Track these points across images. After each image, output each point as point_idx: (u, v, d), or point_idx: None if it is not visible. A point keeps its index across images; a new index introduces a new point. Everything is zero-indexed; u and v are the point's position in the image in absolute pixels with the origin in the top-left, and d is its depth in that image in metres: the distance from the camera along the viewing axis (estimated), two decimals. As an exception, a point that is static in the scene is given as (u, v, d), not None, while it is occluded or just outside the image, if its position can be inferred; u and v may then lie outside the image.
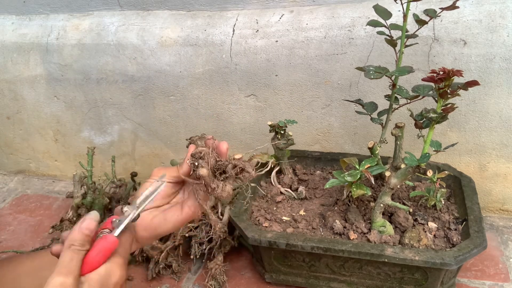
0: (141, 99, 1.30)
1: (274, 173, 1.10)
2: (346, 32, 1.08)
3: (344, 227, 0.94)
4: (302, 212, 1.02)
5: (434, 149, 0.83)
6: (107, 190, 1.24)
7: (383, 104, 0.95)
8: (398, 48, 0.86)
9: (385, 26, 0.85)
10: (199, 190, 0.58)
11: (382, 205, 0.89)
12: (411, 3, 0.82)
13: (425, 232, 0.91)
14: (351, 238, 0.90)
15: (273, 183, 1.09)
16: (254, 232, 0.91)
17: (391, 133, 0.94)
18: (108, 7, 1.30)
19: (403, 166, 0.84)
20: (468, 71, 1.01)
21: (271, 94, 1.19)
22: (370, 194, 0.92)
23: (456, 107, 0.79)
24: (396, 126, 0.94)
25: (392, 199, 0.90)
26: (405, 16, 0.82)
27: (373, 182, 0.92)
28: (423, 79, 0.78)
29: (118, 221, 0.55)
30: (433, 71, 0.76)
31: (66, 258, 0.49)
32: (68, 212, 1.18)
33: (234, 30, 1.17)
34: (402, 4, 0.81)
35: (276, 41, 1.13)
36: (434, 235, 0.92)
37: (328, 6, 1.13)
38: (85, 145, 1.39)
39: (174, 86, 1.25)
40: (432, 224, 0.94)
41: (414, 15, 0.84)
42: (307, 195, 1.07)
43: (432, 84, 0.79)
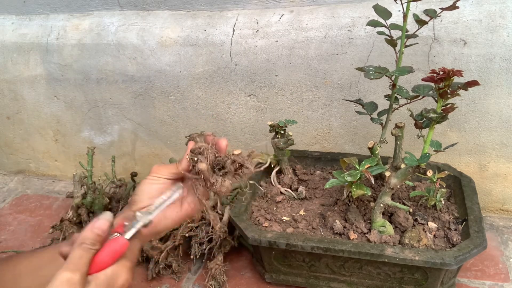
0: (141, 99, 1.30)
1: (274, 173, 1.10)
2: (346, 32, 1.08)
3: (344, 227, 0.94)
4: (302, 212, 1.02)
5: (434, 149, 0.83)
6: (107, 190, 1.24)
7: (383, 104, 0.95)
8: (398, 48, 0.86)
9: (385, 26, 0.85)
10: (198, 186, 0.58)
11: (382, 205, 0.89)
12: (411, 3, 0.82)
13: (425, 232, 0.91)
14: (351, 238, 0.90)
15: (273, 183, 1.09)
16: (254, 232, 0.91)
17: (391, 133, 0.94)
18: (108, 7, 1.30)
19: (403, 166, 0.84)
20: (468, 71, 1.01)
21: (271, 94, 1.19)
22: (370, 194, 0.92)
23: (456, 107, 0.79)
24: (396, 126, 0.94)
25: (392, 199, 0.90)
26: (405, 16, 0.82)
27: (373, 182, 0.92)
28: (423, 79, 0.78)
29: (130, 225, 0.55)
30: (433, 71, 0.76)
31: (76, 255, 0.50)
32: (68, 212, 1.18)
33: (234, 30, 1.17)
34: (402, 4, 0.81)
35: (276, 41, 1.13)
36: (434, 235, 0.92)
37: (328, 6, 1.13)
38: (85, 145, 1.39)
39: (174, 86, 1.25)
40: (432, 224, 0.94)
41: (414, 15, 0.84)
42: (307, 195, 1.07)
43: (432, 84, 0.79)
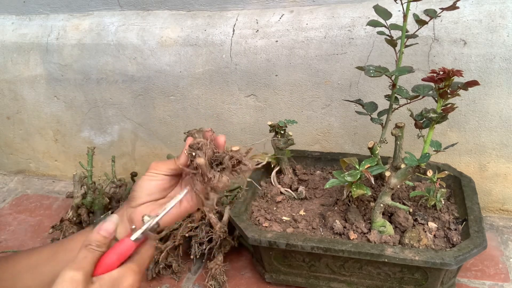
0: (141, 99, 1.30)
1: (274, 173, 1.10)
2: (346, 32, 1.08)
3: (344, 227, 0.94)
4: (302, 212, 1.02)
5: (434, 149, 0.83)
6: (107, 190, 1.24)
7: (383, 104, 0.95)
8: (398, 48, 0.86)
9: (385, 26, 0.85)
10: (196, 181, 0.58)
11: (382, 205, 0.89)
12: (411, 3, 0.82)
13: (425, 232, 0.91)
14: (351, 238, 0.90)
15: (273, 183, 1.09)
16: (254, 232, 0.91)
17: (391, 133, 0.94)
18: (108, 7, 1.30)
19: (403, 166, 0.84)
20: (468, 71, 1.01)
21: (271, 94, 1.19)
22: (370, 194, 0.92)
23: (456, 107, 0.79)
24: (396, 126, 0.94)
25: (392, 199, 0.90)
26: (405, 16, 0.82)
27: (373, 182, 0.92)
28: (423, 79, 0.78)
29: (137, 228, 0.55)
30: (433, 71, 0.76)
31: (81, 255, 0.50)
32: (68, 212, 1.18)
33: (234, 30, 1.17)
34: (402, 4, 0.81)
35: (276, 41, 1.13)
36: (434, 235, 0.92)
37: (328, 6, 1.13)
38: (85, 145, 1.39)
39: (174, 86, 1.25)
40: (432, 224, 0.94)
41: (414, 15, 0.84)
42: (307, 195, 1.07)
43: (432, 84, 0.79)
